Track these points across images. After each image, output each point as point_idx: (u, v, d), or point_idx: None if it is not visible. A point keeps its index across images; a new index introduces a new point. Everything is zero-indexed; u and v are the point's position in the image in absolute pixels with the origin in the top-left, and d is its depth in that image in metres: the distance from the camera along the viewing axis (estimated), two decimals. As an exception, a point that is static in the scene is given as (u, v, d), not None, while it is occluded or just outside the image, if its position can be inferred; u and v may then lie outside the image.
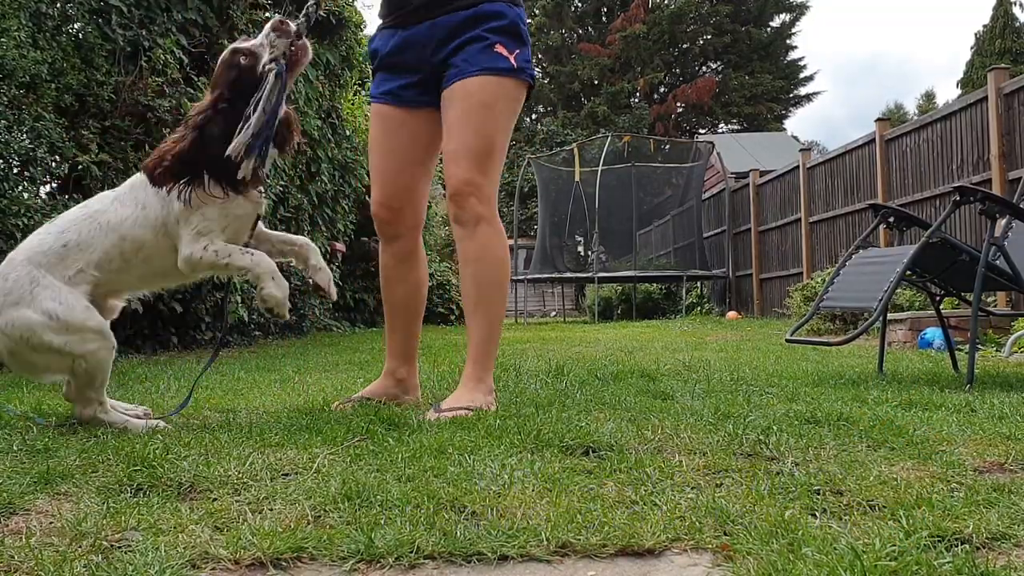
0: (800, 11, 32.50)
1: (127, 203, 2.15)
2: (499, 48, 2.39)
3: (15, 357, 2.10)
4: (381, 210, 2.61)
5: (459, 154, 2.40)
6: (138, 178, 2.20)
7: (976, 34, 21.81)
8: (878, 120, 9.06)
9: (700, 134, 30.53)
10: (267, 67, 2.13)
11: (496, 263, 2.44)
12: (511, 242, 18.23)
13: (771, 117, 31.88)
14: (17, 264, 2.09)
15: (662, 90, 32.76)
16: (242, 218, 2.21)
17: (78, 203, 4.90)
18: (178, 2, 5.60)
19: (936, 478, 1.48)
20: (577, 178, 14.82)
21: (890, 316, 5.44)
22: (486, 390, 2.39)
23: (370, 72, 3.12)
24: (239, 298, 6.09)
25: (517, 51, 2.43)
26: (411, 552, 1.12)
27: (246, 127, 2.08)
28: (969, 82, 20.66)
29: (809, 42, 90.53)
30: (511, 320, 15.89)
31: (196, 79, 5.60)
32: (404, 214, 2.60)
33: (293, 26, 2.21)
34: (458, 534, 1.17)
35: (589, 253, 15.57)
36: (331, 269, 8.67)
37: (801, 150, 12.02)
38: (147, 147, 5.24)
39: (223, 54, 2.21)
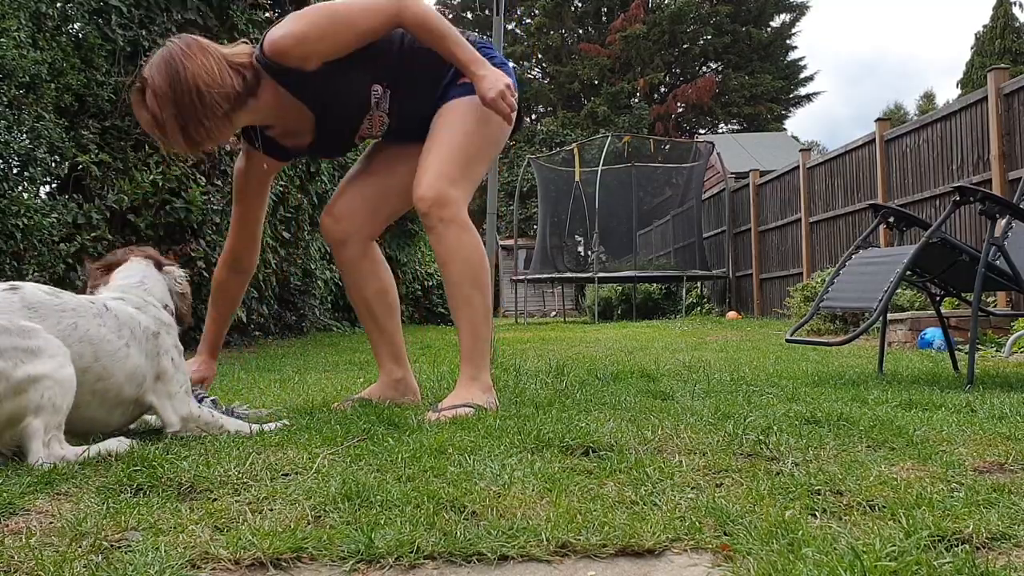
0: (800, 11, 32.50)
1: (110, 326, 1.90)
2: (464, 80, 2.42)
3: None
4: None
5: (428, 164, 2.43)
6: (122, 307, 1.96)
7: (976, 34, 21.81)
8: (878, 120, 9.05)
9: (700, 134, 30.51)
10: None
11: (468, 262, 2.44)
12: (511, 242, 18.24)
13: (771, 117, 31.85)
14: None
15: (662, 90, 32.75)
16: None
17: (77, 203, 4.91)
18: (178, 2, 5.60)
19: (936, 478, 1.48)
20: (577, 178, 14.82)
21: (890, 316, 5.44)
22: (483, 387, 2.39)
23: None
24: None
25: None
26: (411, 552, 1.12)
27: None
28: (969, 82, 20.65)
29: (810, 42, 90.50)
30: (511, 320, 15.88)
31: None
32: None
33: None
34: (458, 534, 1.17)
35: (589, 253, 15.55)
36: (332, 269, 8.74)
37: (801, 150, 12.02)
38: (146, 147, 5.24)
39: None
